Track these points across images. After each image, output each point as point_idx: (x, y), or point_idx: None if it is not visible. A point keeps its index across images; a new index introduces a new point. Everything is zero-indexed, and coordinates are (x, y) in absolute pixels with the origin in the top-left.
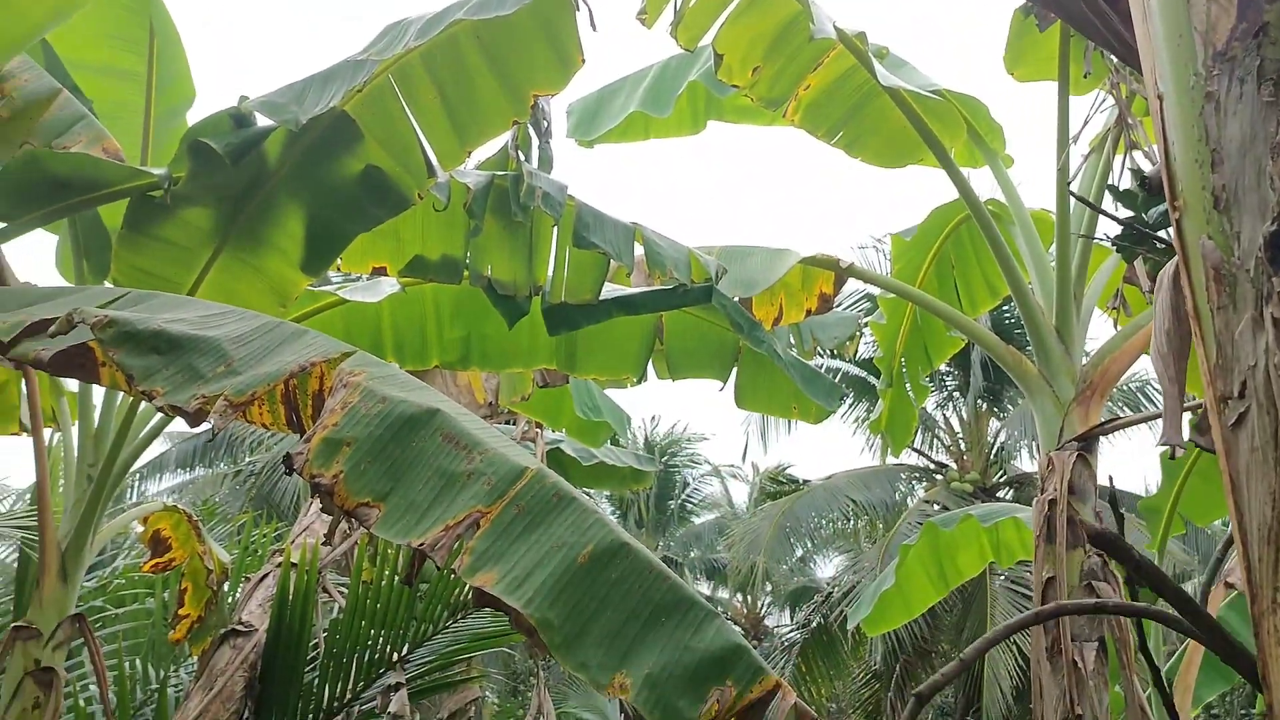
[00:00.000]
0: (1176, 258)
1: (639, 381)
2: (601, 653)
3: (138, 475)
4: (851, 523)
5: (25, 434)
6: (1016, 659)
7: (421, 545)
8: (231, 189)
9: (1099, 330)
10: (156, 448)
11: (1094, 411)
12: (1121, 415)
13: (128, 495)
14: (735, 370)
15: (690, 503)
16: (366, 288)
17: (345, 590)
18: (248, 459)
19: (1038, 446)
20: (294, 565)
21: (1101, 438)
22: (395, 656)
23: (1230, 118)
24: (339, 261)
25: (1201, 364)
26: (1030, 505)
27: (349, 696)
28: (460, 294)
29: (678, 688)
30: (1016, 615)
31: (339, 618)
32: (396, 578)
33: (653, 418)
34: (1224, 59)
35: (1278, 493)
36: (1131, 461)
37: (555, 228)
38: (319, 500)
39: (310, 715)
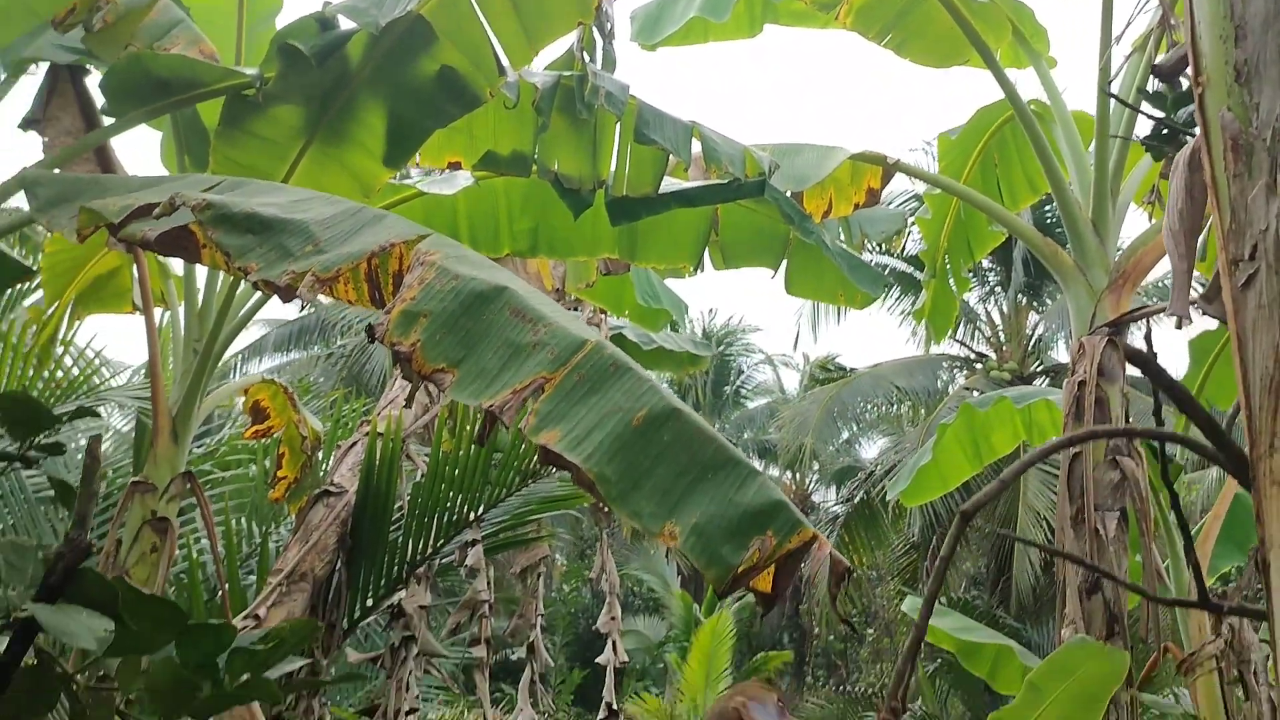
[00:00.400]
0: (1193, 140)
1: (695, 270)
2: (653, 504)
3: (239, 358)
4: (895, 408)
5: (137, 313)
6: (1045, 533)
7: (491, 407)
8: (318, 88)
9: (1133, 226)
10: (255, 332)
11: (1125, 300)
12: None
13: (230, 377)
14: (785, 259)
15: (744, 389)
16: (443, 181)
17: (426, 457)
18: (338, 342)
19: (1073, 337)
20: (380, 434)
21: (1131, 327)
22: (471, 516)
23: None
24: (417, 156)
25: (1216, 231)
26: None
27: (430, 551)
28: (529, 187)
29: (722, 536)
30: (1047, 494)
31: (421, 481)
32: (472, 446)
33: (710, 310)
34: None
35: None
36: (1162, 350)
37: (617, 125)
38: (400, 370)
39: (395, 567)
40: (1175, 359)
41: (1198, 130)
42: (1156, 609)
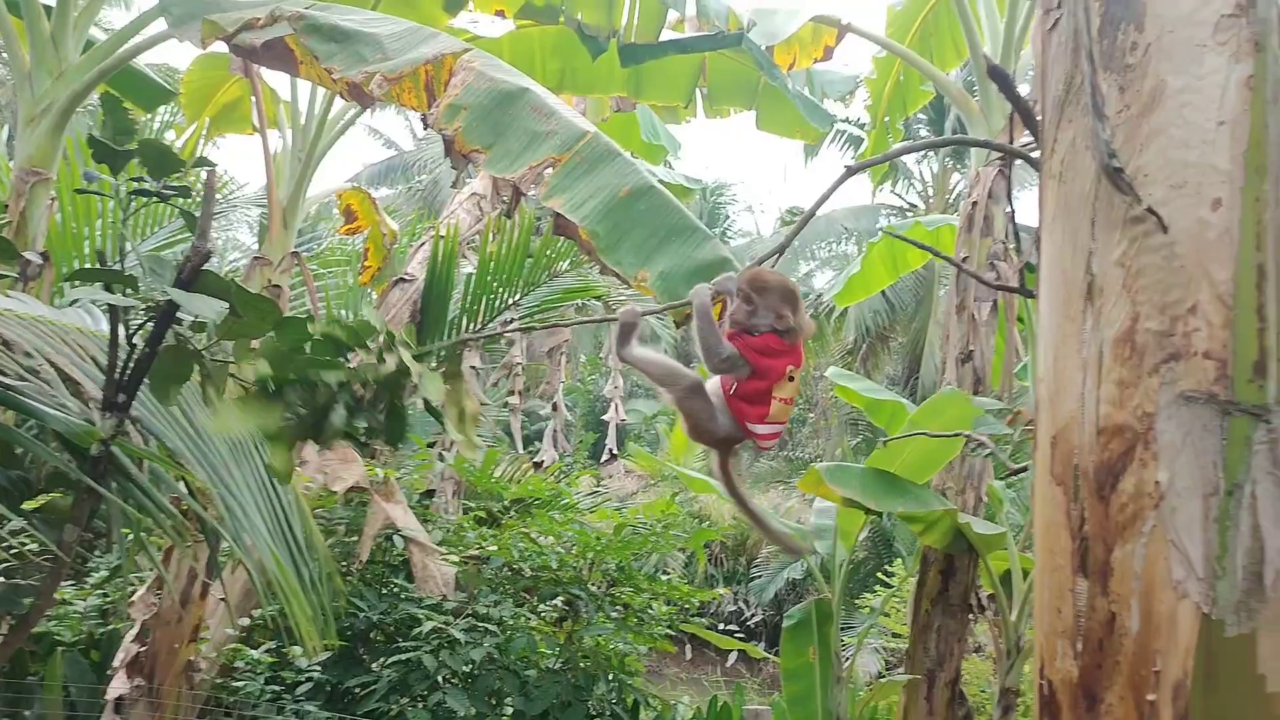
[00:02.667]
0: None
1: (686, 107)
2: (631, 255)
3: None
4: (843, 244)
5: (255, 133)
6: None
7: (514, 178)
8: None
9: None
10: (350, 169)
11: (1016, 138)
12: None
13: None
14: (758, 101)
15: (730, 232)
16: (491, 27)
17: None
18: (417, 178)
19: (970, 168)
20: (442, 237)
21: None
22: (510, 301)
23: None
24: (471, 5)
25: None
26: None
27: (480, 326)
28: (559, 35)
29: (681, 280)
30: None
31: (472, 274)
32: (512, 249)
33: (705, 167)
34: None
35: (1070, 74)
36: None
37: None
38: (452, 158)
39: (453, 337)
40: None
41: None
42: (1011, 375)
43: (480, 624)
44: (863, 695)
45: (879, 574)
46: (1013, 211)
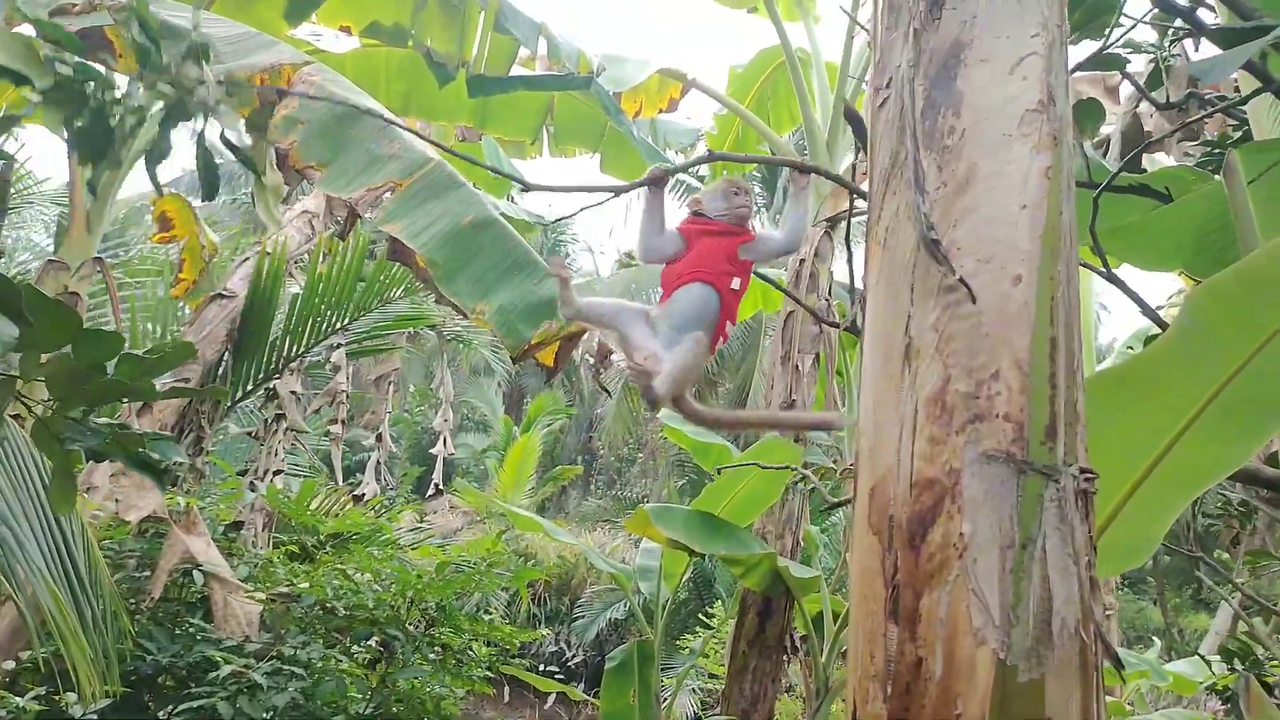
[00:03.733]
0: None
1: (535, 145)
2: (469, 286)
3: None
4: None
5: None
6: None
7: (352, 199)
8: None
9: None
10: (170, 174)
11: (841, 203)
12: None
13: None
14: (602, 145)
15: (570, 268)
16: (335, 43)
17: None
18: (243, 190)
19: None
20: (269, 253)
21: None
22: (339, 325)
23: None
24: (314, 17)
25: (871, 68)
26: None
27: (303, 349)
28: (405, 58)
29: (520, 316)
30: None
31: (299, 293)
32: (343, 270)
33: (549, 204)
34: None
35: (896, 150)
36: None
37: (481, 14)
38: (284, 172)
39: (273, 359)
40: None
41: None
42: None
43: (286, 667)
44: None
45: (700, 615)
46: (851, 270)
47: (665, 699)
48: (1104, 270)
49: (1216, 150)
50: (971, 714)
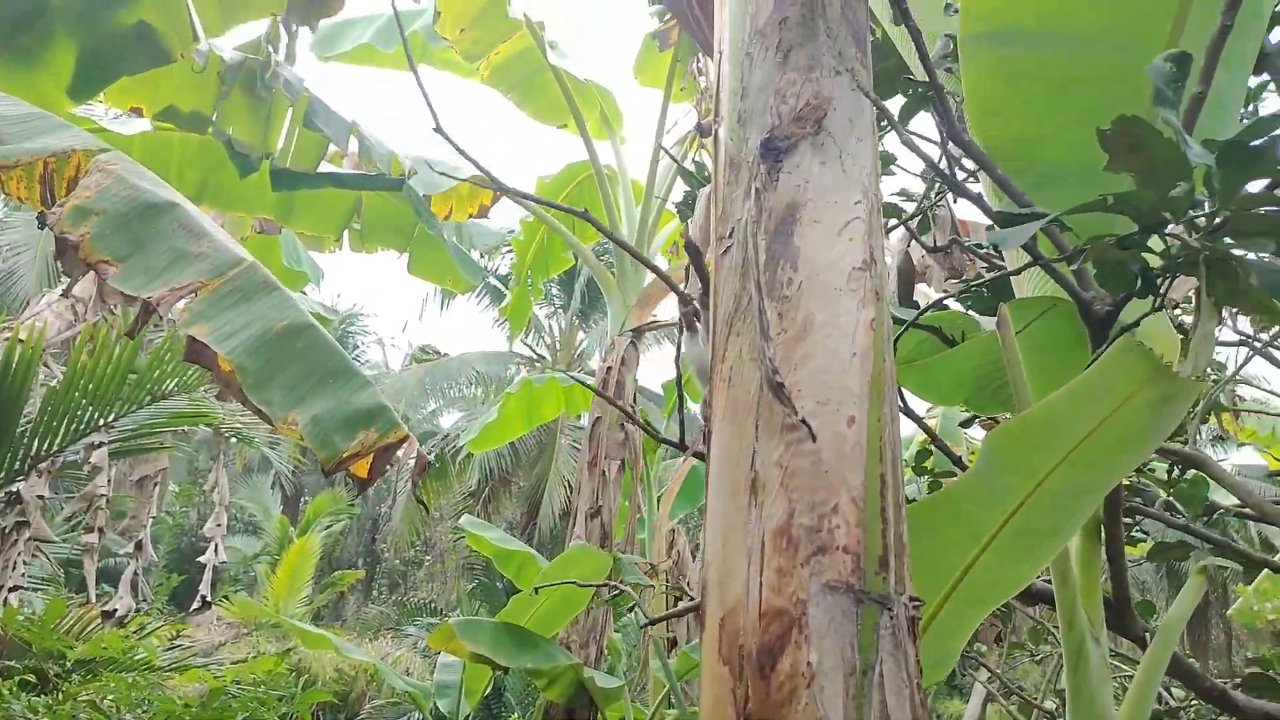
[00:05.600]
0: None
1: (337, 241)
2: (281, 395)
3: None
4: (473, 389)
5: None
6: (566, 489)
7: (150, 299)
8: (17, 7)
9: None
10: None
11: (646, 315)
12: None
13: None
14: (411, 245)
15: (359, 360)
16: (122, 123)
17: (64, 369)
18: None
19: (608, 336)
20: (21, 340)
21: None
22: (102, 422)
23: (757, 69)
24: (102, 96)
25: (713, 218)
26: None
27: (55, 449)
28: (202, 144)
29: (335, 427)
30: (571, 462)
31: (55, 387)
32: (109, 364)
33: (338, 295)
34: (759, 34)
35: (739, 295)
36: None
37: (290, 109)
38: (62, 263)
39: (18, 459)
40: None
41: (710, 150)
42: (634, 530)
43: None
44: None
45: None
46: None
47: None
48: (904, 408)
49: (972, 287)
50: None
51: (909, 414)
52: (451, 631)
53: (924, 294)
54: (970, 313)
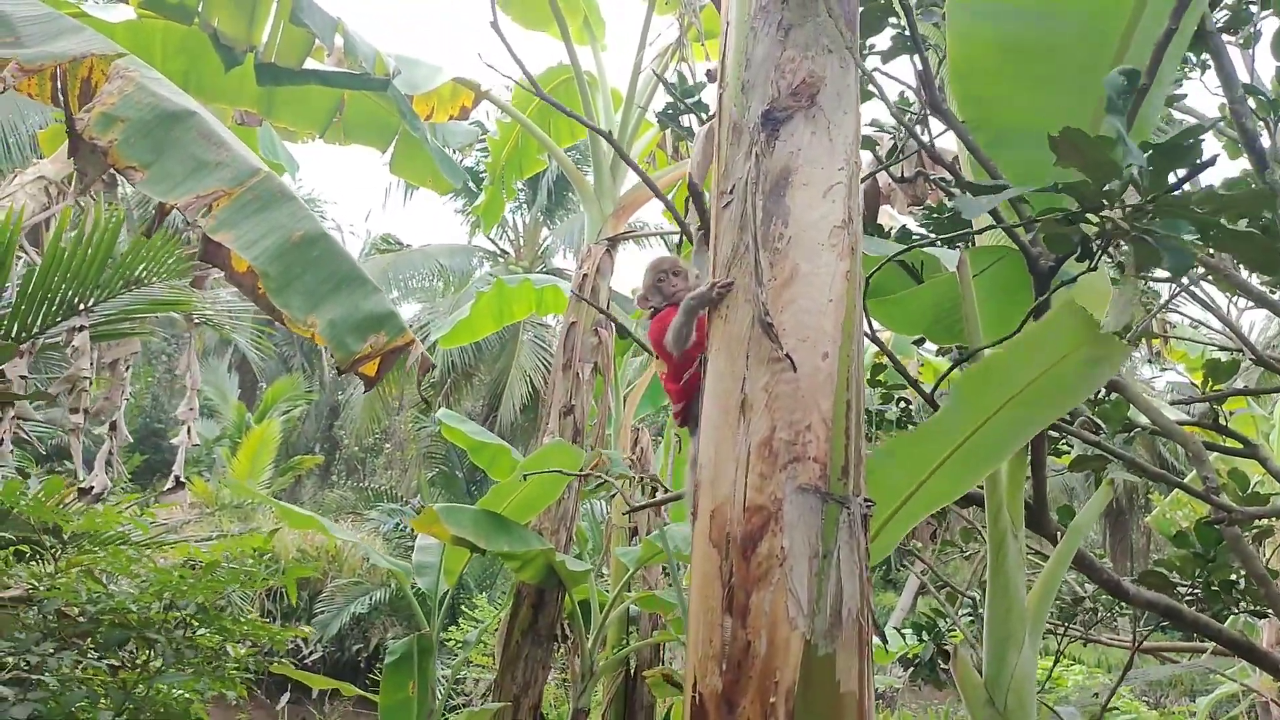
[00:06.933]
0: (712, 119)
1: (319, 137)
2: (300, 300)
3: None
4: (434, 281)
5: None
6: (528, 384)
7: (175, 205)
8: None
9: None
10: None
11: (621, 224)
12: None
13: None
14: (394, 145)
15: None
16: (105, 8)
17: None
18: None
19: (573, 251)
20: None
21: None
22: (81, 306)
23: (760, 43)
24: None
25: (715, 175)
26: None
27: (36, 330)
28: (186, 34)
29: (348, 330)
30: (533, 356)
31: (32, 270)
32: (89, 249)
33: (298, 180)
34: (763, 10)
35: (737, 245)
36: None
37: (275, 2)
38: (77, 165)
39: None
40: None
41: (711, 114)
42: (603, 428)
43: (33, 676)
44: None
45: (462, 607)
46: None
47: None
48: (870, 334)
49: (934, 215)
50: (786, 682)
51: (871, 337)
52: (435, 516)
53: (888, 214)
54: (932, 248)
